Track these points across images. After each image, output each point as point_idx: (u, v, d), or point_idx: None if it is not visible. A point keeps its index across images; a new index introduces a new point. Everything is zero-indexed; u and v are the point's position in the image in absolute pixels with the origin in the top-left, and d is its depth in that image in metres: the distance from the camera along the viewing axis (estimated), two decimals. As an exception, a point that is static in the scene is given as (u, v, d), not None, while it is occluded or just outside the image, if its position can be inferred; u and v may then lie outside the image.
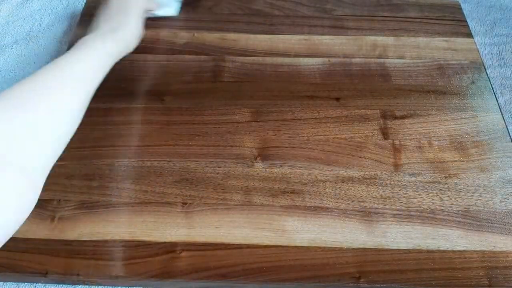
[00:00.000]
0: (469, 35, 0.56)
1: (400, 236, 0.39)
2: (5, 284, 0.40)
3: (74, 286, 0.40)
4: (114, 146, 0.45)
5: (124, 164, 0.43)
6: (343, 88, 0.50)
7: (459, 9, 0.60)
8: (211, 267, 0.37)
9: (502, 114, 0.48)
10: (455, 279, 0.37)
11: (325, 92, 0.50)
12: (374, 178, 0.43)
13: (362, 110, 0.48)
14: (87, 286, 0.39)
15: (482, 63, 0.53)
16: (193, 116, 0.47)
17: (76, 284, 0.39)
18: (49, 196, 0.41)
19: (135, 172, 0.43)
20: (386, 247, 0.39)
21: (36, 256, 0.38)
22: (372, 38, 0.56)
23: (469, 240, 0.39)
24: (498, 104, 0.49)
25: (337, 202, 0.41)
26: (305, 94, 0.50)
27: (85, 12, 0.58)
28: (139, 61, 0.52)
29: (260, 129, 0.46)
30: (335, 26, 0.57)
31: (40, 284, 0.41)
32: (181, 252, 0.38)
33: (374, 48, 0.54)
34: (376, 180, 0.43)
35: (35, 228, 0.39)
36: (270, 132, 0.46)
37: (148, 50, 0.53)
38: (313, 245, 0.39)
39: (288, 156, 0.44)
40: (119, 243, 0.39)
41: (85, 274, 0.37)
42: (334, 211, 0.41)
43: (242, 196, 0.41)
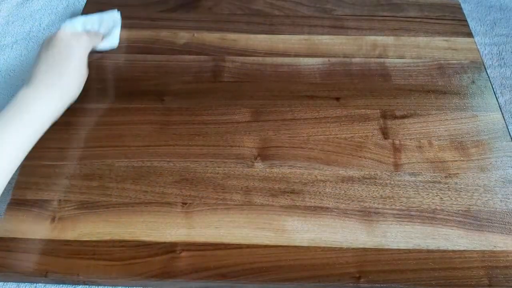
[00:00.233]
0: (469, 34, 0.56)
1: (400, 236, 0.39)
2: (5, 284, 0.40)
3: (74, 286, 0.40)
4: (114, 146, 0.45)
5: (124, 164, 0.43)
6: (343, 88, 0.50)
7: (459, 8, 0.60)
8: (211, 267, 0.37)
9: (502, 114, 0.48)
10: (455, 279, 0.37)
11: (325, 92, 0.50)
12: (374, 178, 0.43)
13: (362, 110, 0.48)
14: (87, 286, 0.39)
15: (482, 63, 0.53)
16: (193, 116, 0.47)
17: (76, 284, 0.39)
18: (49, 196, 0.41)
19: (135, 172, 0.43)
20: (386, 247, 0.39)
21: (36, 256, 0.38)
22: (372, 38, 0.56)
23: (469, 239, 0.39)
24: (498, 103, 0.49)
25: (337, 202, 0.41)
26: (305, 94, 0.50)
27: (85, 12, 0.58)
28: (139, 61, 0.52)
29: (260, 129, 0.46)
30: (335, 26, 0.57)
31: (40, 284, 0.41)
32: (181, 252, 0.38)
33: (374, 48, 0.54)
34: (376, 180, 0.43)
35: (35, 228, 0.39)
36: (270, 132, 0.46)
37: (148, 50, 0.53)
38: (313, 245, 0.39)
39: (288, 156, 0.44)
40: (119, 243, 0.39)
41: (85, 274, 0.37)
42: (334, 211, 0.41)
43: (242, 196, 0.41)
